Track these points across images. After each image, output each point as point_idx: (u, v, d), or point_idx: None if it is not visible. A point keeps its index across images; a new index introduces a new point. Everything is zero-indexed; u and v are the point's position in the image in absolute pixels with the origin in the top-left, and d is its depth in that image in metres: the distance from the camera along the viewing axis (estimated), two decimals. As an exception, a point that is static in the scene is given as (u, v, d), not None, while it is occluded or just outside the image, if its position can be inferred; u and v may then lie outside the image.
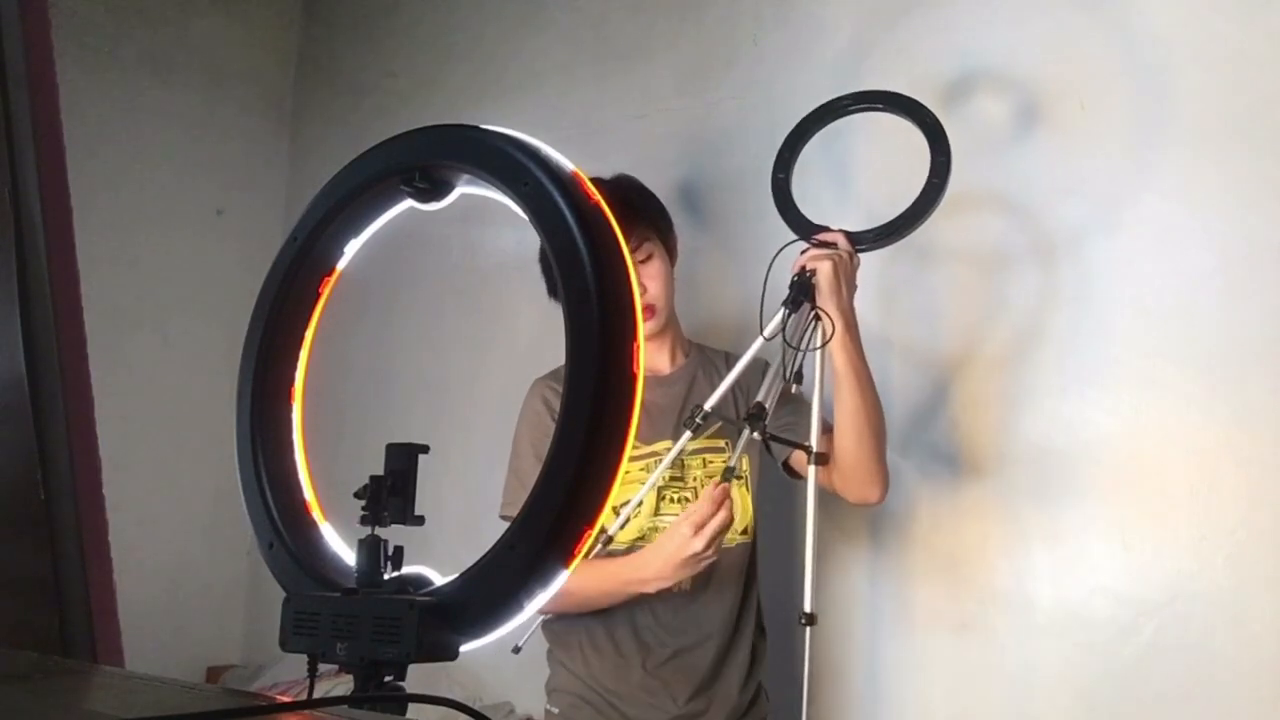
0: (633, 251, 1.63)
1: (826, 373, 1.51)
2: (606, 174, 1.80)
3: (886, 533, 1.86)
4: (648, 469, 1.62)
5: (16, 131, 1.07)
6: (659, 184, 2.30)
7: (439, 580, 0.75)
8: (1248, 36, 1.57)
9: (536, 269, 1.70)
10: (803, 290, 1.49)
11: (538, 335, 2.45)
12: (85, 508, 1.04)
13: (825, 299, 1.49)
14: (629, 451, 0.71)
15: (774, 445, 1.60)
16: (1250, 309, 1.53)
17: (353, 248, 0.90)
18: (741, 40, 2.23)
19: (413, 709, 0.72)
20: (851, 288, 1.54)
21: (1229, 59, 1.59)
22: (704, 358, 1.78)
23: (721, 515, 1.41)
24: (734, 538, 1.62)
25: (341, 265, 0.90)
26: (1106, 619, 1.61)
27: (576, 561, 0.70)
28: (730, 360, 1.74)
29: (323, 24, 3.46)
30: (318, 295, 0.90)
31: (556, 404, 1.69)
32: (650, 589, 1.48)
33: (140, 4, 3.09)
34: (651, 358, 1.72)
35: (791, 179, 1.65)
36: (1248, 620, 1.49)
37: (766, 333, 1.50)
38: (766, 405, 1.49)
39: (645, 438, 1.66)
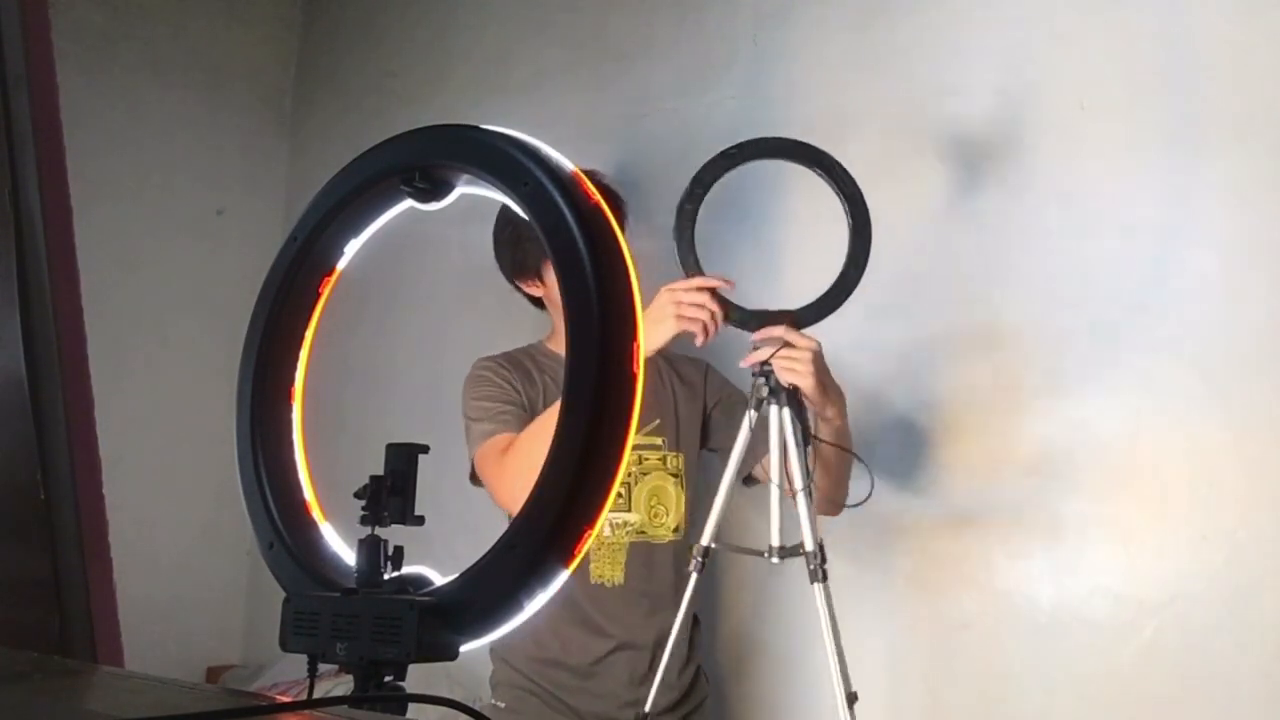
0: None
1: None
2: (607, 173, 1.81)
3: (886, 533, 1.86)
4: None
5: (16, 132, 1.07)
6: (659, 184, 2.31)
7: (439, 580, 0.75)
8: (1248, 36, 1.57)
9: (536, 269, 1.71)
10: (791, 401, 1.46)
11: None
12: (85, 508, 1.04)
13: (816, 402, 1.49)
14: (629, 452, 0.71)
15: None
16: (1250, 309, 1.53)
17: (353, 248, 0.90)
18: (741, 40, 2.22)
19: (413, 709, 0.72)
20: (827, 376, 1.51)
21: (1229, 59, 1.58)
22: (652, 359, 1.75)
23: (699, 282, 1.45)
24: (666, 535, 1.72)
25: (341, 265, 0.90)
26: (1106, 619, 1.60)
27: (576, 561, 0.70)
28: (688, 360, 1.82)
29: (323, 24, 3.46)
30: (318, 295, 0.90)
31: (504, 371, 1.74)
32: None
33: (140, 4, 3.09)
34: None
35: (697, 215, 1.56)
36: (1248, 620, 1.49)
37: (739, 442, 1.48)
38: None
39: None
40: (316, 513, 0.85)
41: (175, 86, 3.14)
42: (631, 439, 0.72)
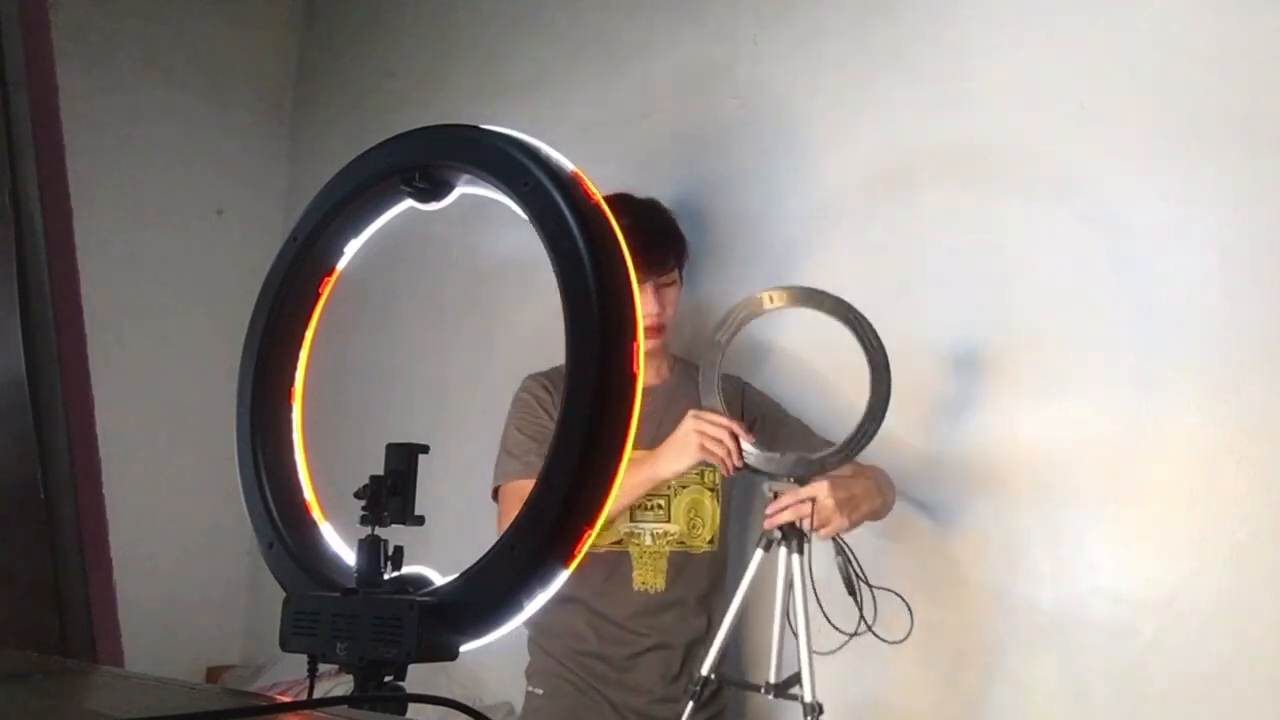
0: (662, 275, 1.71)
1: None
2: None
3: (886, 533, 1.86)
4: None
5: (16, 131, 1.07)
6: (659, 184, 2.31)
7: (439, 580, 0.75)
8: (1248, 36, 1.57)
9: (537, 269, 1.71)
10: (800, 546, 1.50)
11: (538, 335, 2.45)
12: (85, 508, 1.04)
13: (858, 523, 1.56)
14: (629, 452, 0.71)
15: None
16: (1250, 309, 1.53)
17: (353, 248, 0.90)
18: (741, 40, 2.22)
19: (413, 709, 0.72)
20: (857, 508, 1.55)
21: (1229, 59, 1.58)
22: (688, 375, 1.83)
23: (724, 421, 1.51)
24: (703, 546, 1.79)
25: (341, 265, 0.90)
26: (1106, 619, 1.60)
27: (576, 561, 0.70)
28: (728, 379, 1.79)
29: (323, 24, 3.46)
30: (318, 295, 0.90)
31: (547, 397, 1.77)
32: (666, 474, 1.58)
33: (140, 4, 3.09)
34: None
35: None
36: (1248, 620, 1.49)
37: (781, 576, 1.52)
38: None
39: None
40: (316, 513, 0.85)
41: (175, 86, 3.14)
42: (632, 439, 0.72)
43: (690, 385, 1.78)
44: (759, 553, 1.53)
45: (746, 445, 1.52)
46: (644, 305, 1.63)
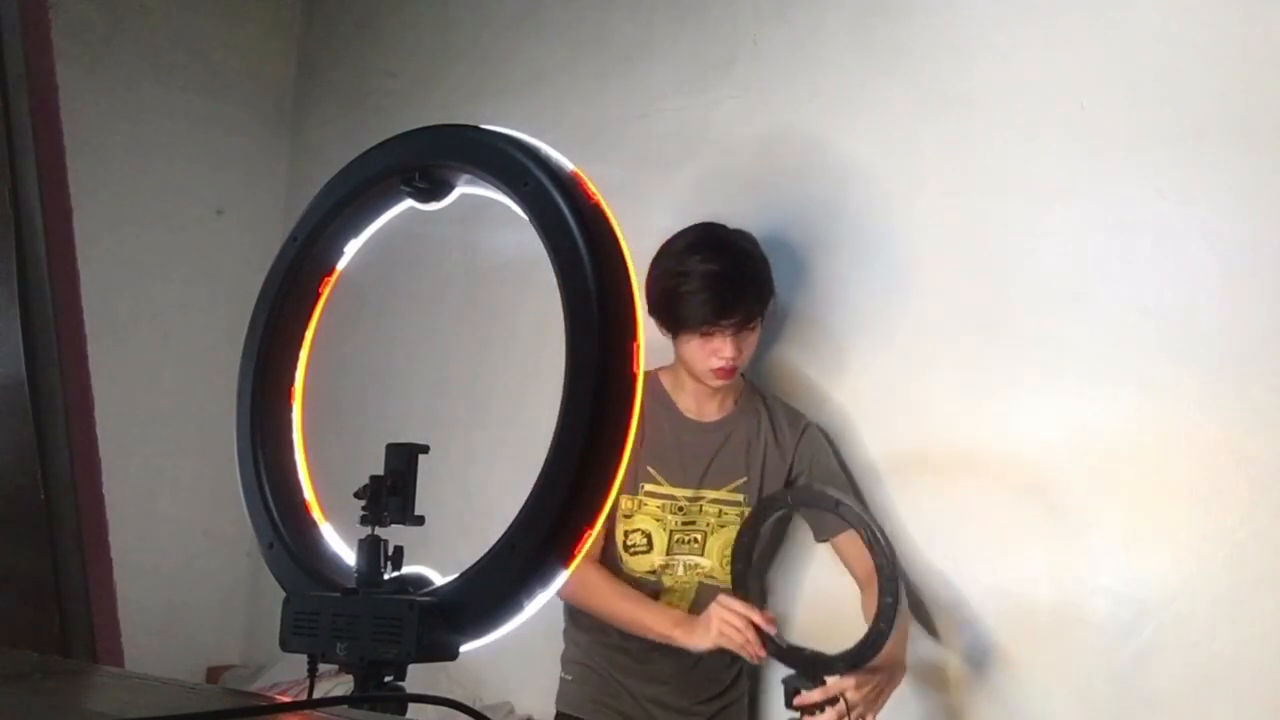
0: (746, 322, 1.69)
1: None
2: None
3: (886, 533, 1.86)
4: (665, 509, 1.76)
5: (16, 131, 1.07)
6: (659, 184, 2.31)
7: (439, 580, 0.75)
8: (1248, 36, 1.57)
9: (536, 269, 1.70)
10: None
11: (537, 335, 2.45)
12: (85, 508, 1.04)
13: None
14: (629, 452, 0.71)
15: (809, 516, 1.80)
16: (1251, 309, 1.53)
17: (353, 248, 0.90)
18: (741, 40, 2.22)
19: (413, 709, 0.72)
20: (882, 699, 1.57)
21: (1229, 59, 1.58)
22: (752, 407, 1.84)
23: (744, 611, 1.55)
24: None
25: (341, 265, 0.90)
26: (1106, 619, 1.60)
27: (576, 561, 0.70)
28: (790, 416, 1.85)
29: (322, 23, 3.46)
30: (318, 295, 0.90)
31: None
32: (679, 642, 1.64)
33: (140, 4, 3.09)
34: (702, 403, 1.81)
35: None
36: (1248, 620, 1.49)
37: None
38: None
39: (672, 478, 1.77)
40: (316, 513, 0.85)
41: (175, 85, 3.14)
42: (631, 439, 0.72)
43: (750, 420, 1.81)
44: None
45: (769, 633, 1.55)
46: (720, 349, 1.67)
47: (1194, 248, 1.58)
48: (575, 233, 0.73)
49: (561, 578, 0.70)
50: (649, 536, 1.76)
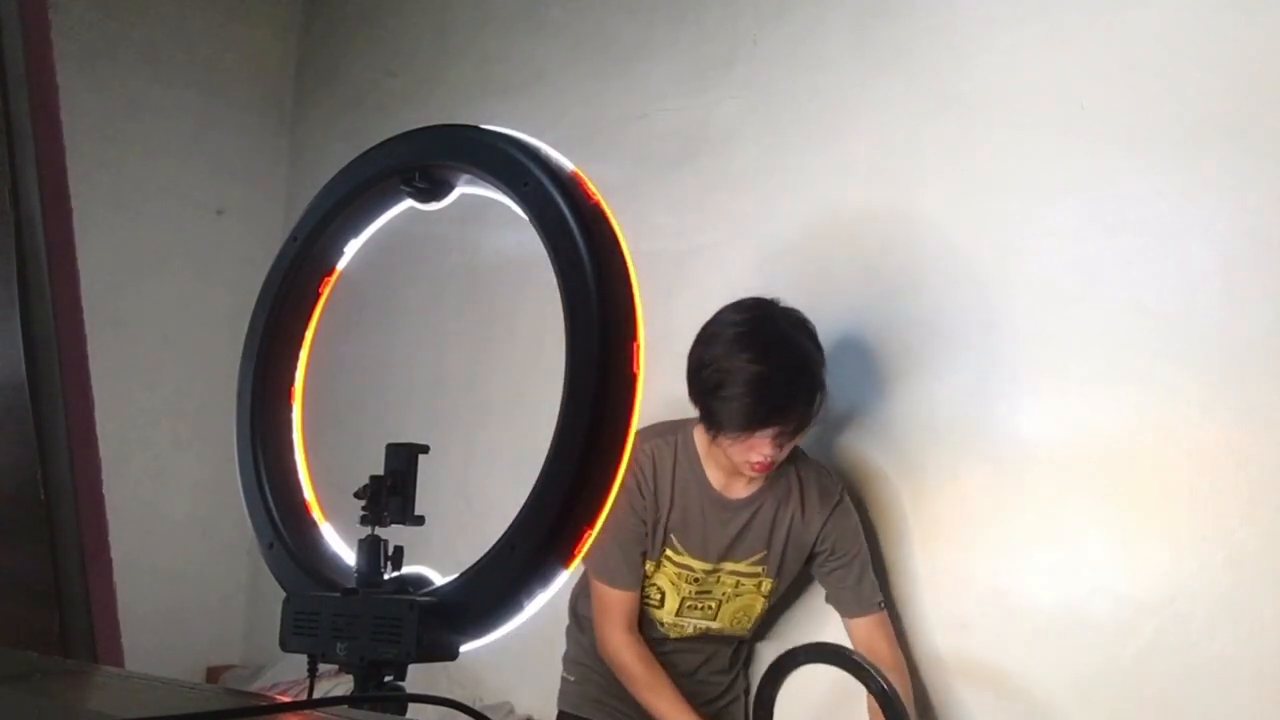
0: (791, 425, 1.57)
1: None
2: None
3: (886, 533, 1.86)
4: (681, 577, 1.74)
5: (16, 131, 1.07)
6: (659, 184, 2.31)
7: (439, 580, 0.75)
8: (1248, 36, 1.57)
9: (536, 269, 1.70)
10: None
11: (537, 335, 2.45)
12: (85, 508, 1.04)
13: None
14: (629, 452, 0.71)
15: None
16: (1250, 309, 1.53)
17: (353, 248, 0.90)
18: (741, 40, 2.22)
19: (413, 709, 0.72)
20: None
21: (1229, 59, 1.58)
22: (783, 480, 1.74)
23: None
24: (743, 633, 1.83)
25: (341, 265, 0.90)
26: (1106, 619, 1.60)
27: (576, 561, 0.70)
28: (822, 488, 1.75)
29: (323, 23, 3.46)
30: (318, 295, 0.90)
31: (638, 502, 1.70)
32: None
33: (140, 3, 3.09)
34: (732, 478, 1.71)
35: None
36: (1248, 620, 1.49)
37: None
38: None
39: (692, 551, 1.73)
40: (316, 513, 0.85)
41: (175, 85, 3.14)
42: (632, 439, 0.72)
43: (780, 493, 1.72)
44: None
45: None
46: (759, 448, 1.56)
47: (1194, 248, 1.58)
48: (575, 233, 0.73)
49: (562, 578, 0.70)
50: (663, 594, 1.75)
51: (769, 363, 1.54)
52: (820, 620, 1.85)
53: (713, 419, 1.59)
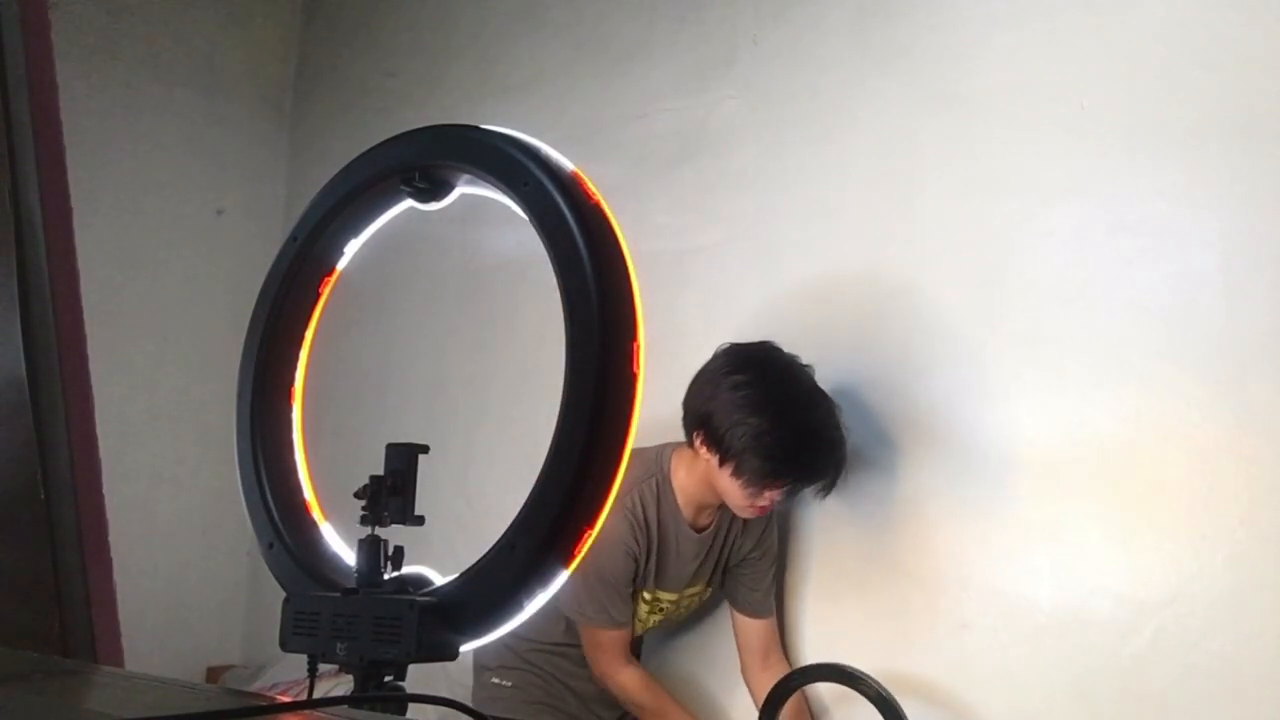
0: (801, 492, 1.67)
1: None
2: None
3: (886, 532, 1.86)
4: (651, 608, 1.82)
5: (16, 131, 1.07)
6: (659, 184, 2.31)
7: (439, 580, 0.75)
8: (1248, 36, 1.57)
9: (536, 269, 1.70)
10: None
11: (537, 335, 2.45)
12: (85, 508, 1.04)
13: None
14: (629, 452, 0.71)
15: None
16: (1251, 309, 1.53)
17: (353, 248, 0.90)
18: (741, 40, 2.22)
19: (413, 709, 0.72)
20: None
21: (1229, 59, 1.58)
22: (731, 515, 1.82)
23: None
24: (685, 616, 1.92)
25: (341, 265, 0.91)
26: (1106, 619, 1.60)
27: (576, 561, 0.70)
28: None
29: (323, 23, 3.46)
30: (318, 295, 0.90)
31: (634, 549, 1.74)
32: None
33: (140, 4, 3.09)
34: (701, 510, 1.78)
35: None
36: (1248, 620, 1.49)
37: None
38: None
39: (665, 585, 1.81)
40: (316, 513, 0.85)
41: (175, 85, 3.14)
42: (632, 439, 0.72)
43: (729, 512, 1.76)
44: None
45: None
46: (771, 497, 1.63)
47: (1194, 248, 1.58)
48: (575, 232, 0.73)
49: (562, 578, 0.70)
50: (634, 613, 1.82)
51: (814, 422, 1.62)
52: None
53: (739, 466, 1.61)
